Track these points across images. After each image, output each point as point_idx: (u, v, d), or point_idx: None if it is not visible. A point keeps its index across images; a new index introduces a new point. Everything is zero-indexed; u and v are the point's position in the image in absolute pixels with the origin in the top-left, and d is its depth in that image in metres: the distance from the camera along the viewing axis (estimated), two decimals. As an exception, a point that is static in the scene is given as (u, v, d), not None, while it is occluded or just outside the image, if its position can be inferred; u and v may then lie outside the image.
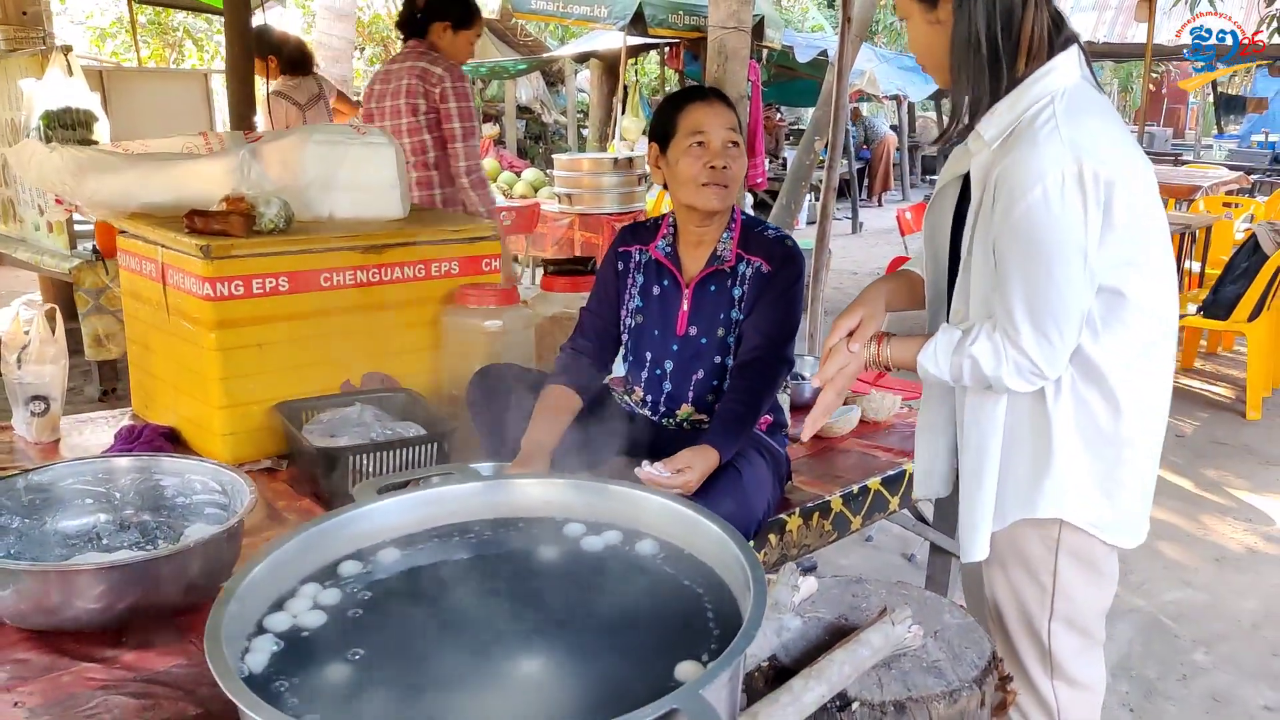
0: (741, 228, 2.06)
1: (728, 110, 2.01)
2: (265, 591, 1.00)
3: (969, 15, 1.39)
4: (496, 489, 1.22)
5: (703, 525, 1.11)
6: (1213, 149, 16.04)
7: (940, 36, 1.45)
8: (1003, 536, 1.55)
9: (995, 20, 1.38)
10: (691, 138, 1.96)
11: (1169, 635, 2.91)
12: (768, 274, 2.02)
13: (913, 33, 1.52)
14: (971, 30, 1.39)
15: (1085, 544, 1.51)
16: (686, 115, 1.98)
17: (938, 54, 1.48)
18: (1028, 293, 1.37)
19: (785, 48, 9.71)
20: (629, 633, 0.99)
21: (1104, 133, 1.36)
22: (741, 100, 6.24)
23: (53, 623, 1.45)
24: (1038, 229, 1.33)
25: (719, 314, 2.04)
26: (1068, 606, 1.56)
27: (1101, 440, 1.46)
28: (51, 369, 2.27)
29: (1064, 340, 1.39)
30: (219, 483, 1.76)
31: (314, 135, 2.46)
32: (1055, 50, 1.41)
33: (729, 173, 1.97)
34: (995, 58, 1.39)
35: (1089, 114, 1.37)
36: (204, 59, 13.08)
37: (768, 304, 2.00)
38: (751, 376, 1.96)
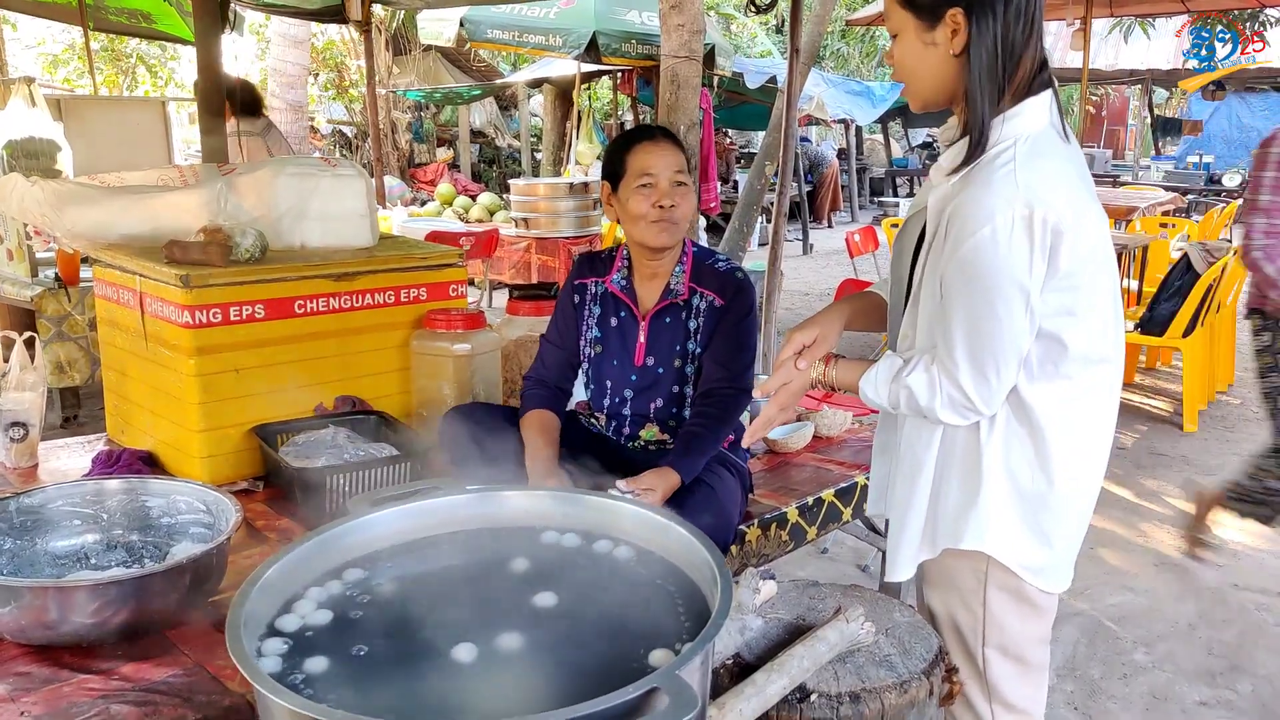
0: (693, 261, 2.16)
1: (675, 149, 2.10)
2: (274, 595, 1.09)
3: (984, 39, 1.37)
4: (483, 501, 1.32)
5: (673, 530, 1.22)
6: (1150, 170, 16.64)
7: (932, 59, 1.43)
8: (935, 564, 1.60)
9: (997, 47, 1.38)
10: (640, 178, 2.06)
11: (1111, 637, 3.06)
12: (720, 308, 2.12)
13: (902, 50, 1.47)
14: (991, 52, 1.37)
15: (1013, 581, 1.54)
16: (635, 156, 2.08)
17: (925, 75, 1.46)
18: (968, 329, 1.38)
19: (735, 74, 9.96)
20: (608, 627, 1.10)
21: (1060, 182, 1.37)
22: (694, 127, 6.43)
23: (51, 637, 1.51)
24: (983, 267, 1.34)
25: (675, 345, 2.14)
26: (1000, 635, 1.59)
27: (1030, 482, 1.48)
28: (30, 396, 2.31)
29: (1000, 379, 1.40)
30: (203, 503, 1.83)
31: (286, 167, 2.54)
32: (1033, 90, 1.42)
33: (677, 211, 2.06)
34: (995, 88, 1.39)
35: (1048, 161, 1.38)
36: (157, 85, 12.99)
37: (723, 337, 2.11)
38: (712, 404, 2.08)
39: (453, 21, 7.92)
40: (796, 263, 10.71)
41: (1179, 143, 19.16)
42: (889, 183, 17.52)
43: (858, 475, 2.53)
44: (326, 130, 13.88)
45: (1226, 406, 5.67)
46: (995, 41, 1.37)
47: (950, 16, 1.39)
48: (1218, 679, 2.83)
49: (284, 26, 10.41)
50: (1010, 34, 1.37)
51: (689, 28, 6.12)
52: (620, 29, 8.07)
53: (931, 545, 1.57)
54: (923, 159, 17.60)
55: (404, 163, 13.18)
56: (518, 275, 7.33)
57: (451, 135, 14.87)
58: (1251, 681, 2.80)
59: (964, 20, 1.38)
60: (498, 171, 14.69)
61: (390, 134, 12.39)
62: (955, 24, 1.39)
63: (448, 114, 14.69)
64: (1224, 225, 8.98)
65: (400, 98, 12.79)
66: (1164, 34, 12.75)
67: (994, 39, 1.37)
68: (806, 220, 12.29)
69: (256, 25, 11.41)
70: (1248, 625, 3.15)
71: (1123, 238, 7.14)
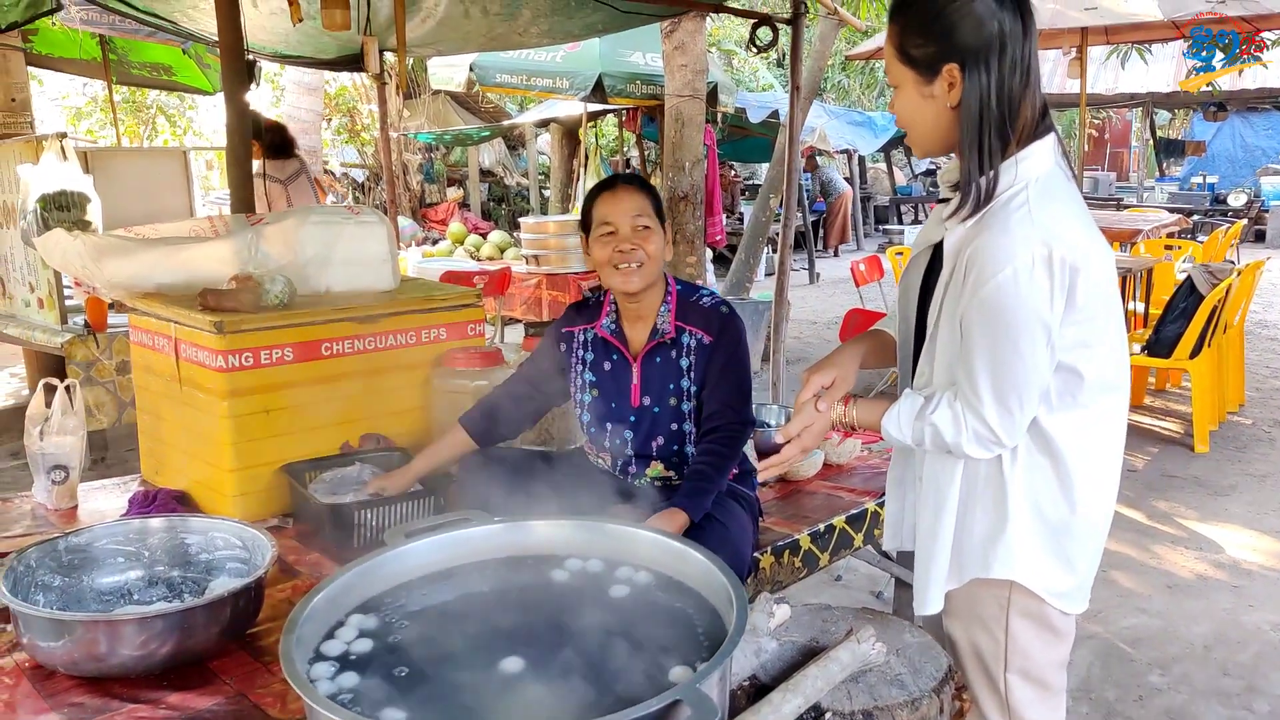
0: (678, 298, 2.21)
1: (636, 196, 2.14)
2: (320, 622, 1.18)
3: (978, 91, 1.43)
4: (510, 531, 1.41)
5: (690, 556, 1.30)
6: (1155, 191, 16.74)
7: (931, 110, 1.50)
8: (959, 593, 1.64)
9: (997, 101, 1.43)
10: (601, 227, 2.13)
11: (1126, 659, 3.09)
12: (710, 345, 2.17)
13: (902, 102, 1.54)
14: (981, 106, 1.44)
15: (1036, 606, 1.58)
16: (597, 207, 2.16)
17: (924, 125, 1.52)
18: (992, 365, 1.43)
19: (738, 110, 10.12)
20: (632, 647, 1.18)
21: (1072, 220, 1.44)
22: (698, 163, 6.56)
23: (100, 669, 1.59)
24: (1006, 306, 1.40)
25: (669, 384, 2.20)
26: (1022, 660, 1.63)
27: (1053, 509, 1.53)
28: (71, 440, 2.41)
29: (1023, 412, 1.46)
30: (240, 539, 1.92)
31: (311, 216, 2.66)
32: (1038, 135, 1.48)
33: (638, 253, 2.11)
34: (997, 136, 1.45)
35: (1059, 201, 1.45)
36: (176, 134, 13.30)
37: (717, 373, 2.16)
38: (715, 441, 2.13)
39: (462, 67, 8.12)
40: (804, 292, 10.80)
41: (1183, 164, 19.28)
42: (893, 210, 17.67)
43: (868, 502, 2.59)
44: (339, 173, 14.14)
45: (1238, 427, 5.69)
46: (991, 93, 1.44)
47: (946, 71, 1.46)
48: (1234, 699, 2.85)
49: (298, 74, 10.67)
50: (1007, 84, 1.45)
51: (692, 68, 6.29)
52: (625, 70, 8.25)
53: (958, 576, 1.61)
54: (926, 186, 17.75)
55: (415, 203, 13.39)
56: (529, 311, 7.44)
57: (461, 175, 15.12)
58: (1269, 702, 2.82)
59: (959, 75, 1.45)
60: (507, 209, 14.91)
61: (402, 175, 12.62)
62: (951, 78, 1.46)
63: (457, 154, 14.95)
64: (1229, 246, 9.03)
65: (411, 140, 13.04)
66: (1161, 58, 12.90)
67: (990, 90, 1.44)
68: (812, 250, 12.41)
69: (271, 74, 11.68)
70: (1264, 646, 3.17)
71: (1127, 260, 7.20)
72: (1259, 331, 8.29)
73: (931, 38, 1.46)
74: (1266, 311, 9.20)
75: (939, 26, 1.45)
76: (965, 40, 1.44)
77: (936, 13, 1.45)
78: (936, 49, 1.46)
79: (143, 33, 6.65)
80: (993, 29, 1.43)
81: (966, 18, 1.43)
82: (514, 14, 5.13)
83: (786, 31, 5.00)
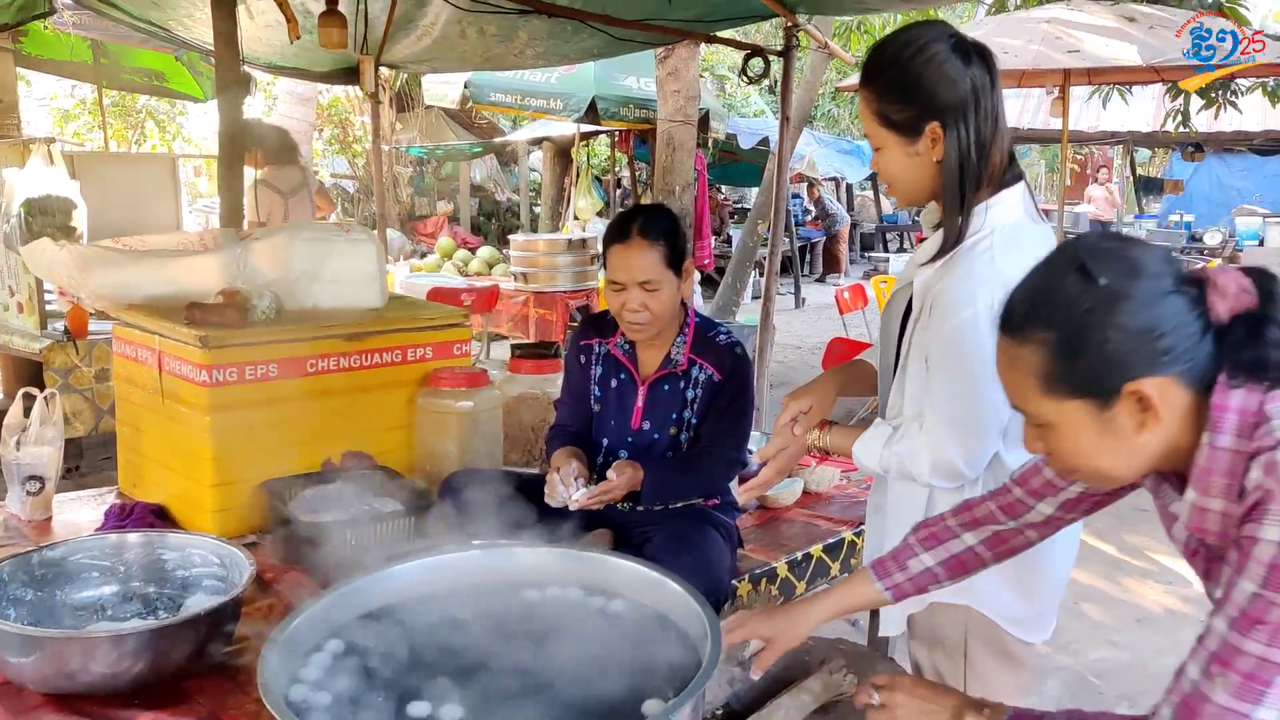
0: (695, 332, 2.24)
1: (647, 251, 2.11)
2: (299, 645, 1.18)
3: (958, 145, 1.52)
4: (489, 557, 1.42)
5: (667, 585, 1.32)
6: (1134, 228, 17.01)
7: (916, 166, 1.57)
8: (921, 617, 1.70)
9: (975, 150, 1.52)
10: (612, 284, 2.16)
11: (1094, 692, 3.13)
12: (718, 383, 2.20)
13: (887, 162, 1.60)
14: (961, 159, 1.52)
15: (994, 632, 1.64)
16: (610, 256, 2.15)
17: (910, 180, 1.60)
18: (953, 401, 1.52)
19: (730, 136, 10.22)
20: (607, 675, 1.19)
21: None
22: (688, 188, 6.61)
23: (71, 686, 1.58)
24: (966, 346, 1.48)
25: (671, 413, 2.23)
26: (981, 685, 1.66)
27: None
28: (49, 450, 2.40)
29: (983, 446, 1.53)
30: (218, 556, 1.91)
31: (301, 233, 2.66)
32: (1006, 182, 1.56)
33: (646, 313, 2.13)
34: (974, 183, 1.53)
35: (1022, 249, 1.46)
36: (165, 140, 13.25)
37: (719, 412, 2.20)
38: (703, 454, 2.19)
39: (457, 84, 8.17)
40: (789, 316, 10.87)
41: (1161, 201, 19.59)
42: (879, 238, 17.84)
43: (845, 531, 2.61)
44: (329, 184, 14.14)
45: (1211, 464, 5.76)
46: (970, 144, 1.52)
47: (929, 130, 1.53)
48: (1198, 734, 2.89)
49: (291, 84, 10.64)
50: (983, 134, 1.53)
51: (684, 94, 6.36)
52: (618, 94, 8.32)
53: (920, 599, 1.63)
54: (912, 215, 17.93)
55: (405, 215, 13.40)
56: (516, 328, 7.45)
57: (451, 189, 15.15)
58: (1231, 737, 2.85)
59: (941, 131, 1.52)
60: (497, 225, 14.94)
61: (392, 187, 12.63)
62: (934, 135, 1.53)
63: (448, 168, 14.98)
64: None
65: (403, 153, 13.06)
66: (1142, 98, 13.13)
67: (969, 142, 1.52)
68: (799, 275, 12.50)
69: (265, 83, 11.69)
70: (1229, 682, 3.21)
71: (1107, 297, 7.28)
72: (1235, 370, 8.41)
73: (911, 101, 1.53)
74: (1242, 350, 9.33)
75: (918, 90, 1.52)
76: (944, 99, 1.51)
77: (914, 78, 1.52)
78: (917, 110, 1.53)
79: (135, 38, 6.65)
80: (966, 85, 1.51)
81: (942, 79, 1.51)
82: (511, 36, 5.18)
83: (778, 62, 5.07)
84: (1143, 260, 1.03)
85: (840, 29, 8.68)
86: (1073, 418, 1.07)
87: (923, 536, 1.46)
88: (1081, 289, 1.03)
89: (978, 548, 1.42)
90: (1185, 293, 1.02)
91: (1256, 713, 0.96)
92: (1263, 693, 0.96)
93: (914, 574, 1.45)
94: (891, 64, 1.56)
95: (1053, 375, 1.06)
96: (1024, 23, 6.99)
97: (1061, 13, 6.95)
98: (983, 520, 1.42)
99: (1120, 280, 1.02)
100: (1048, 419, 1.10)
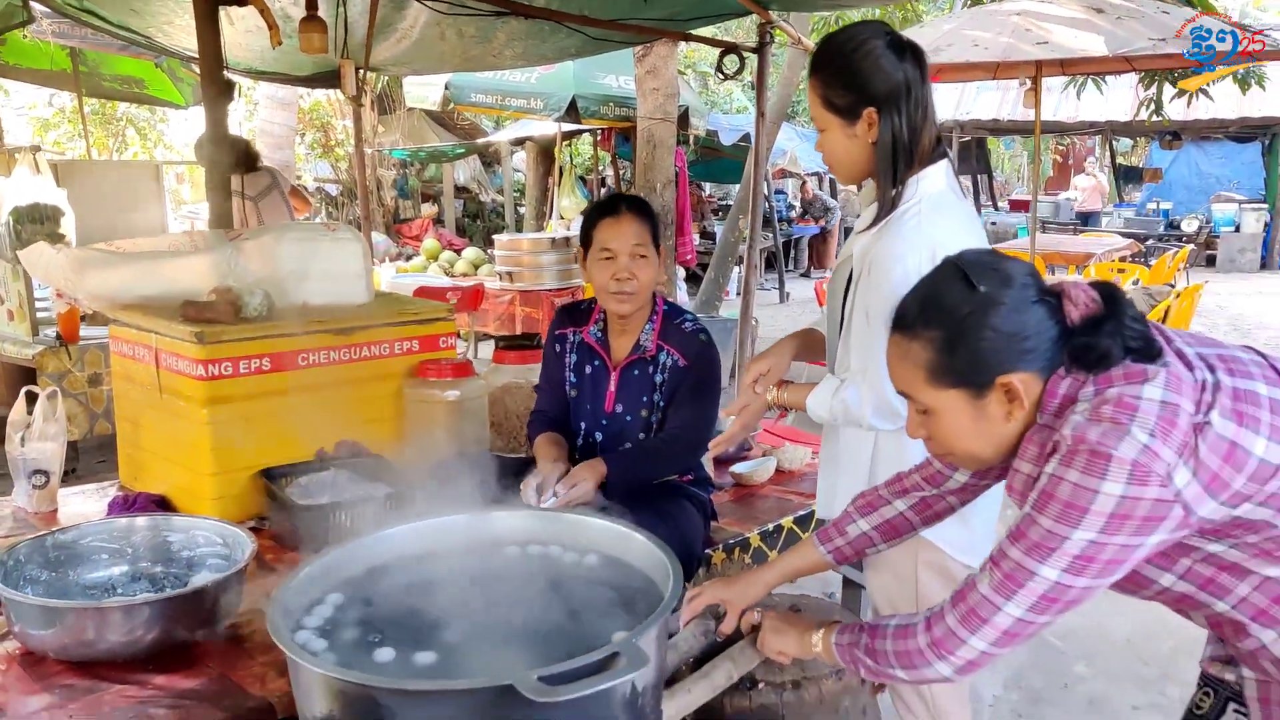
0: (663, 319, 2.37)
1: (637, 221, 2.28)
2: (301, 596, 1.31)
3: (891, 129, 1.75)
4: (474, 520, 1.55)
5: (635, 539, 1.45)
6: (1114, 217, 17.24)
7: (855, 147, 1.80)
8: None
9: (907, 134, 1.75)
10: (602, 252, 2.28)
11: (1055, 652, 3.30)
12: (684, 368, 2.33)
13: (829, 142, 1.84)
14: (894, 140, 1.75)
15: (939, 558, 1.83)
16: (599, 230, 2.30)
17: (849, 159, 1.83)
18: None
19: (710, 133, 10.34)
20: (582, 615, 1.32)
21: (957, 230, 1.74)
22: (669, 185, 6.73)
23: (89, 654, 1.70)
24: (898, 298, 1.64)
25: (642, 396, 2.37)
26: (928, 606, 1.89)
27: None
28: (52, 446, 2.51)
29: None
30: (220, 537, 2.03)
31: (289, 233, 2.78)
32: (933, 160, 1.79)
33: (634, 282, 2.27)
34: (905, 162, 1.76)
35: (947, 215, 1.76)
36: (146, 147, 13.29)
37: (684, 398, 2.33)
38: (667, 439, 2.32)
39: (438, 86, 8.27)
40: (773, 310, 11.01)
41: (1140, 190, 19.84)
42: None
43: (814, 504, 2.74)
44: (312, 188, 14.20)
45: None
46: (902, 128, 1.76)
47: (866, 114, 1.77)
48: (1150, 685, 3.08)
49: (271, 89, 10.73)
50: (913, 119, 1.77)
51: (663, 91, 6.49)
52: (598, 92, 8.43)
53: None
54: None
55: (389, 218, 13.48)
56: (502, 327, 7.56)
57: (435, 191, 15.23)
58: (1181, 688, 3.01)
59: (876, 116, 1.76)
60: (481, 226, 15.03)
61: (376, 191, 12.71)
62: (870, 119, 1.77)
63: (432, 170, 15.06)
64: (1176, 270, 9.38)
65: (385, 155, 13.14)
66: (1117, 88, 13.31)
67: (901, 126, 1.76)
68: (783, 270, 12.64)
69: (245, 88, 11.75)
70: (1182, 640, 3.35)
71: (1079, 283, 7.45)
72: (1206, 351, 8.61)
73: (851, 89, 1.77)
74: (1211, 333, 9.55)
75: (857, 79, 1.76)
76: (878, 89, 1.75)
77: (854, 69, 1.77)
78: (856, 97, 1.77)
79: (115, 46, 6.72)
80: (899, 77, 1.75)
81: (878, 71, 1.75)
82: (489, 37, 5.29)
83: (754, 58, 5.20)
84: (1013, 273, 1.23)
85: (819, 24, 8.80)
86: (951, 405, 1.25)
87: (860, 505, 1.66)
88: (963, 296, 1.22)
89: (907, 513, 1.61)
90: (1046, 302, 1.22)
91: (1006, 607, 1.17)
92: (1015, 591, 1.16)
93: (852, 538, 1.65)
94: (836, 56, 1.79)
95: (937, 367, 1.24)
96: (994, 15, 7.12)
97: (1031, 5, 7.09)
98: (910, 489, 1.61)
99: (995, 289, 1.21)
100: (930, 406, 1.28)
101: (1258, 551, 1.18)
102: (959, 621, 1.21)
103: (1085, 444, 1.11)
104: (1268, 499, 1.14)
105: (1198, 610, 1.29)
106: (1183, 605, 1.30)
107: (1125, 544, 1.11)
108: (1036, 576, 1.15)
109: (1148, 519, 1.10)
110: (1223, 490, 1.12)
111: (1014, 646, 1.22)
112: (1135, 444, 1.09)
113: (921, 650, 1.25)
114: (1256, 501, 1.14)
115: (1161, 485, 1.09)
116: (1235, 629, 1.26)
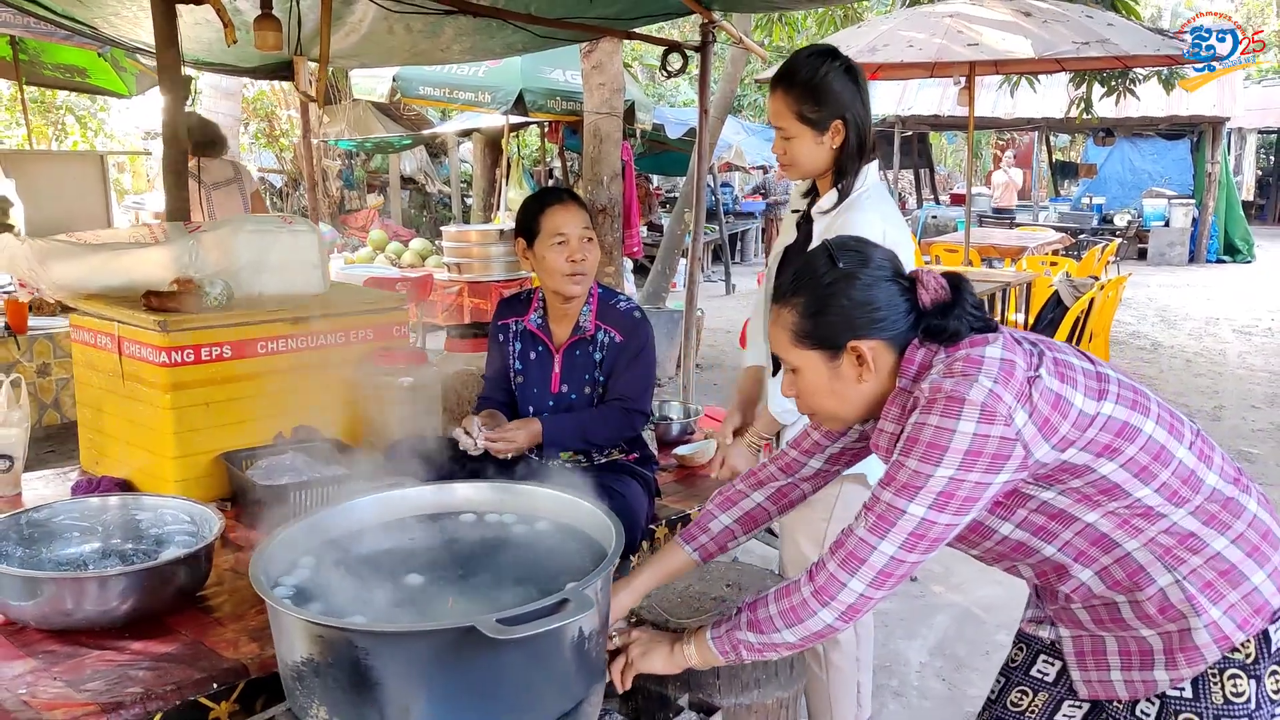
0: (599, 301, 2.55)
1: (581, 210, 2.49)
2: (277, 560, 1.44)
3: (855, 132, 2.15)
4: (433, 492, 1.70)
5: (582, 506, 1.61)
6: (1049, 211, 17.81)
7: (820, 152, 2.18)
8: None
9: (866, 135, 2.18)
10: (554, 237, 2.44)
11: (979, 622, 3.52)
12: (620, 343, 2.51)
13: (797, 147, 2.18)
14: (856, 140, 2.16)
15: (860, 491, 2.09)
16: (548, 217, 2.46)
17: (813, 161, 2.20)
18: None
19: (656, 126, 10.49)
20: (537, 572, 1.48)
21: (892, 213, 2.21)
22: (616, 178, 6.87)
23: (67, 623, 1.81)
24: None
25: (584, 375, 2.54)
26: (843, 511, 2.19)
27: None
28: (16, 431, 2.58)
29: None
30: (188, 515, 2.15)
31: (247, 225, 2.88)
32: (870, 158, 2.22)
33: (586, 263, 2.46)
34: (861, 158, 2.18)
35: (885, 203, 2.22)
36: (87, 136, 13.02)
37: (623, 368, 2.51)
38: (606, 410, 2.50)
39: (385, 79, 8.28)
40: (719, 302, 11.23)
41: (1076, 185, 20.50)
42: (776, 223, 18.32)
43: (753, 483, 2.93)
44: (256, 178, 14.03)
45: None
46: (864, 131, 2.18)
47: (834, 125, 2.16)
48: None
49: (215, 78, 10.60)
50: (865, 125, 2.19)
51: (609, 86, 6.62)
52: (545, 86, 8.52)
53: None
54: (837, 201, 18.49)
55: (334, 209, 13.40)
56: (451, 317, 7.64)
57: (382, 182, 15.16)
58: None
59: (843, 126, 2.16)
60: (428, 217, 15.01)
61: (321, 181, 12.63)
62: (838, 129, 2.16)
63: (378, 161, 14.98)
64: (1105, 263, 9.79)
65: (331, 146, 13.05)
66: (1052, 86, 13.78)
67: (863, 130, 2.18)
68: (729, 262, 12.87)
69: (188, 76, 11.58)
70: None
71: (1010, 275, 7.78)
72: (1132, 342, 9.01)
73: (823, 104, 2.14)
74: (1139, 324, 9.98)
75: (828, 96, 2.14)
76: (845, 102, 2.15)
77: (825, 87, 2.14)
78: (828, 111, 2.15)
79: (58, 35, 6.64)
80: (854, 92, 2.16)
81: (845, 89, 2.15)
82: (437, 32, 5.37)
83: (696, 56, 5.35)
84: (871, 255, 1.45)
85: (762, 20, 9.00)
86: (812, 364, 1.45)
87: (719, 501, 1.78)
88: (827, 269, 1.43)
89: (764, 503, 1.75)
90: (899, 282, 1.43)
91: (880, 545, 1.35)
92: (888, 530, 1.34)
93: (715, 534, 1.75)
94: (809, 77, 2.14)
95: (800, 330, 1.44)
96: (929, 17, 7.40)
97: (963, 8, 7.39)
98: (766, 480, 1.75)
99: (854, 266, 1.42)
100: (796, 365, 1.47)
101: (1079, 497, 1.39)
102: (839, 565, 1.36)
103: (942, 392, 1.32)
104: (1087, 444, 1.35)
105: (1028, 559, 1.49)
106: (1016, 554, 1.50)
107: (979, 481, 1.30)
108: (905, 514, 1.32)
109: (996, 456, 1.30)
110: (1052, 434, 1.33)
111: (887, 590, 1.38)
112: (983, 389, 1.30)
113: (805, 601, 1.38)
114: (1079, 447, 1.35)
115: (1005, 424, 1.30)
116: (1058, 572, 1.48)
